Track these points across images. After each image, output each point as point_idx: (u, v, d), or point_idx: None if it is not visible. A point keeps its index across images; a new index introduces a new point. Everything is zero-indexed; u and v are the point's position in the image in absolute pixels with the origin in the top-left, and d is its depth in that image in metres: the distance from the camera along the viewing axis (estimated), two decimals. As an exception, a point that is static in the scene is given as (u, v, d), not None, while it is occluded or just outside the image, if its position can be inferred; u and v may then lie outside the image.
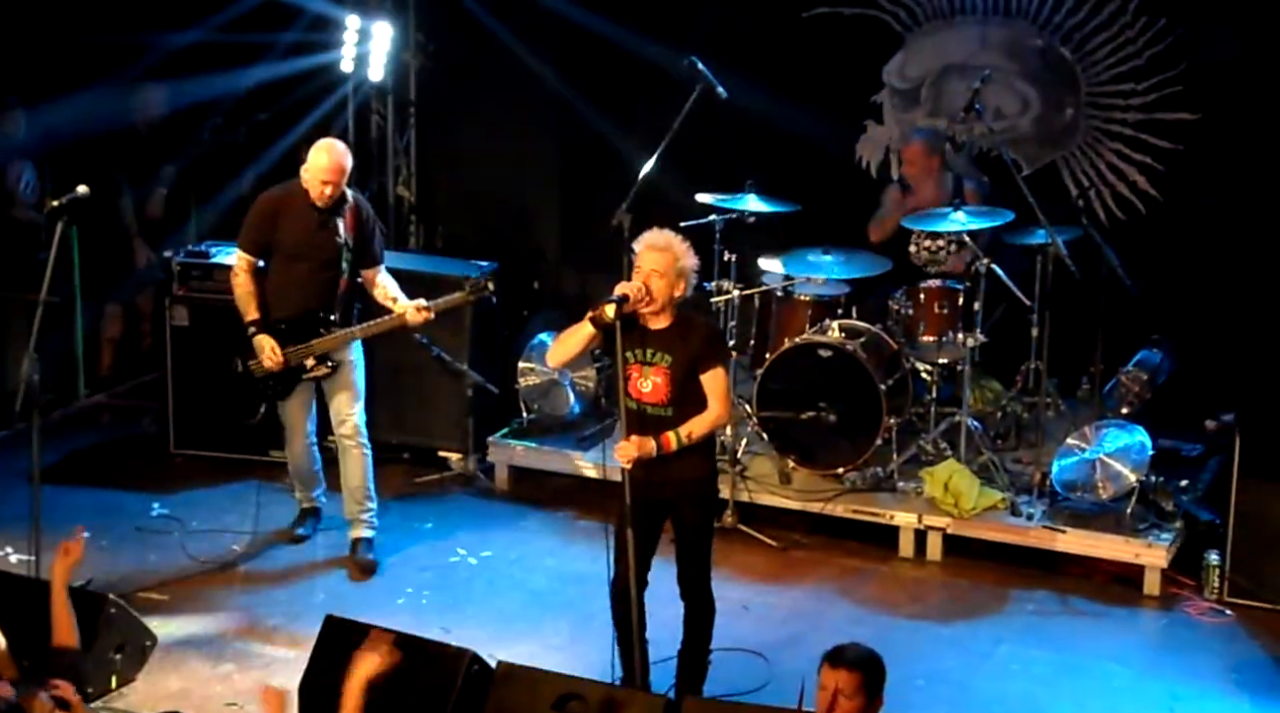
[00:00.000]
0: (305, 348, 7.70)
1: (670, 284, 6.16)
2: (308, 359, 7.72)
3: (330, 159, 7.58)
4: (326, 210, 7.62)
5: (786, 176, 9.12)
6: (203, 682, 6.84)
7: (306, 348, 7.71)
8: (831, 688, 5.04)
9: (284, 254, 7.69)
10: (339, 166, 7.58)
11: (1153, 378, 8.79)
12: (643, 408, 6.24)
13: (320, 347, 7.72)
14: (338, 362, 7.78)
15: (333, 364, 7.77)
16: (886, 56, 9.87)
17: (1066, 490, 8.04)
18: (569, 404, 9.13)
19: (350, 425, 7.86)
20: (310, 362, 7.73)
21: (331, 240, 7.63)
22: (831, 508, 8.29)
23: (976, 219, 8.42)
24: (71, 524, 7.95)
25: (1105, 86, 9.48)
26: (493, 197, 10.60)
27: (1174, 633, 7.53)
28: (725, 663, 6.75)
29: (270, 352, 7.63)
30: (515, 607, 7.61)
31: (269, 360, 7.64)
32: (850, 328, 8.49)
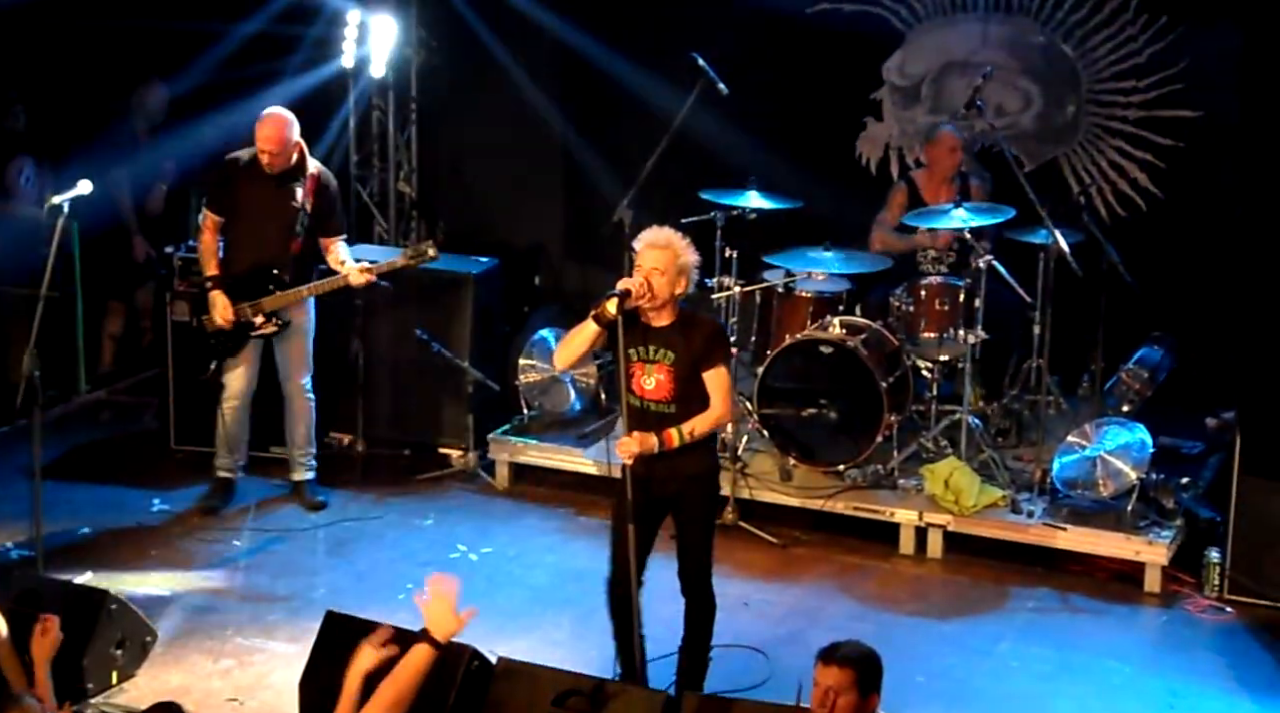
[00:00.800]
0: (255, 306, 8.04)
1: (671, 281, 6.16)
2: (257, 317, 8.05)
3: (267, 129, 7.96)
4: (284, 175, 7.99)
5: (788, 173, 9.12)
6: (203, 677, 6.85)
7: (256, 306, 8.04)
8: (825, 685, 5.04)
9: (242, 215, 8.08)
10: (277, 137, 7.93)
11: (1153, 375, 8.79)
12: (646, 405, 6.24)
13: (269, 305, 8.06)
14: (286, 321, 8.12)
15: (280, 323, 8.10)
16: (887, 53, 9.87)
17: (1067, 488, 8.04)
18: (570, 401, 9.13)
19: (296, 382, 8.29)
20: (259, 320, 8.07)
21: (287, 204, 8.01)
22: (832, 505, 8.29)
23: (978, 216, 8.42)
24: (72, 520, 8.04)
25: (1106, 84, 9.49)
26: (494, 193, 10.60)
27: (1174, 630, 7.53)
28: (725, 659, 6.74)
29: (222, 308, 8.00)
30: (515, 603, 7.61)
31: (220, 316, 8.00)
32: (851, 325, 8.49)
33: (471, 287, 9.13)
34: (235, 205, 8.09)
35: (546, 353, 9.04)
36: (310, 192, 8.06)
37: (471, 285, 9.13)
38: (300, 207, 8.03)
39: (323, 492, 8.54)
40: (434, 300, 9.13)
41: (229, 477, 8.46)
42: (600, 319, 6.12)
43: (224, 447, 8.41)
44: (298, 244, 8.08)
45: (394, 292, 9.01)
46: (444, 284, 9.20)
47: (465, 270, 9.25)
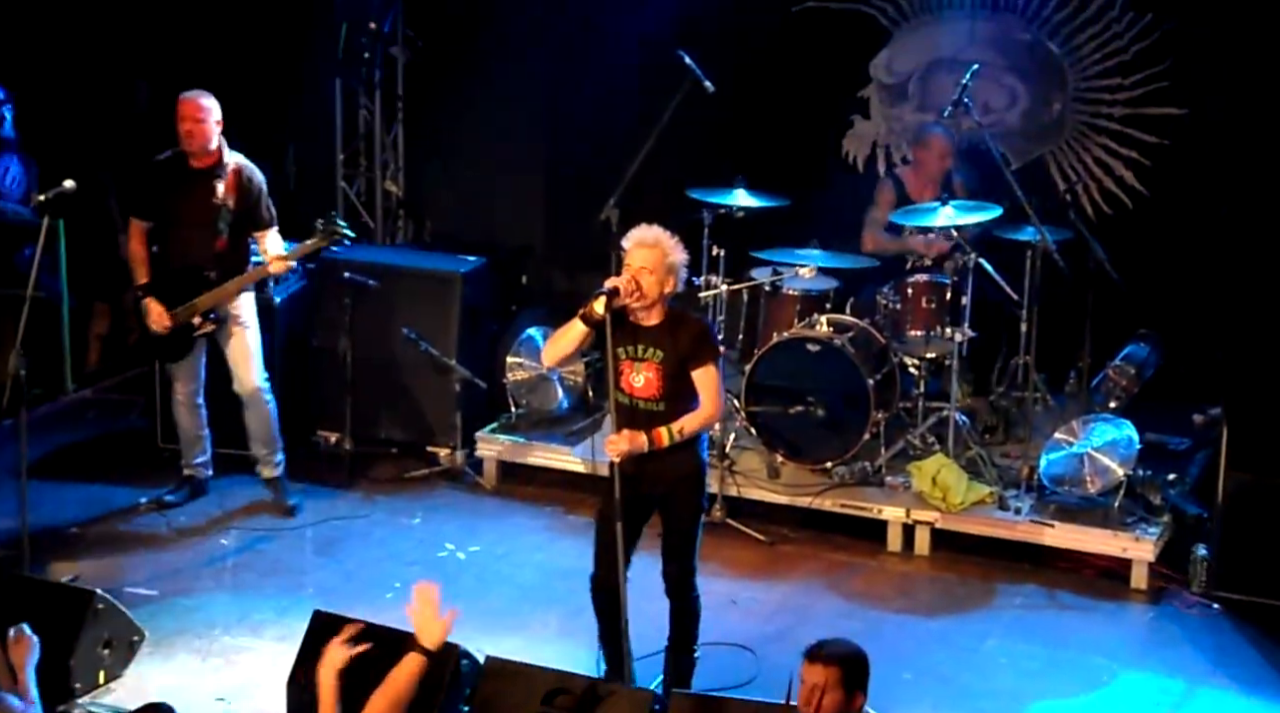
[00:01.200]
0: (188, 307, 7.96)
1: (660, 280, 6.16)
2: (194, 317, 7.98)
3: (187, 103, 7.90)
4: (203, 172, 7.92)
5: (775, 171, 9.12)
6: (191, 677, 6.84)
7: (189, 307, 7.96)
8: (811, 683, 5.05)
9: (165, 216, 8.02)
10: (196, 105, 7.88)
11: (1140, 372, 8.80)
12: (635, 403, 6.24)
13: (203, 304, 7.97)
14: (222, 317, 8.04)
15: (216, 319, 8.02)
16: (874, 51, 9.87)
17: (1054, 485, 8.06)
18: (557, 399, 9.13)
19: (250, 387, 8.20)
20: (197, 320, 8.00)
21: (208, 201, 7.92)
22: (820, 502, 8.29)
23: (965, 213, 8.42)
24: (59, 518, 8.01)
25: (1092, 81, 9.50)
26: (480, 191, 10.58)
27: (1162, 627, 7.54)
28: (713, 657, 6.75)
29: (157, 315, 7.94)
30: (503, 602, 7.61)
31: (155, 323, 7.94)
32: (838, 322, 8.50)
33: (459, 285, 9.13)
34: (159, 208, 8.03)
35: (534, 351, 9.04)
36: (232, 186, 7.97)
37: (459, 284, 9.13)
38: (221, 202, 7.95)
39: (295, 492, 8.50)
40: (421, 299, 9.13)
41: (193, 475, 8.45)
42: (588, 318, 6.12)
43: (182, 445, 8.44)
44: (222, 241, 7.98)
45: (381, 289, 9.01)
46: (432, 283, 9.20)
47: (453, 269, 9.25)
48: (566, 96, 10.15)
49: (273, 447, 8.38)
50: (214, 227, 7.94)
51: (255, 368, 8.22)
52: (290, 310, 9.15)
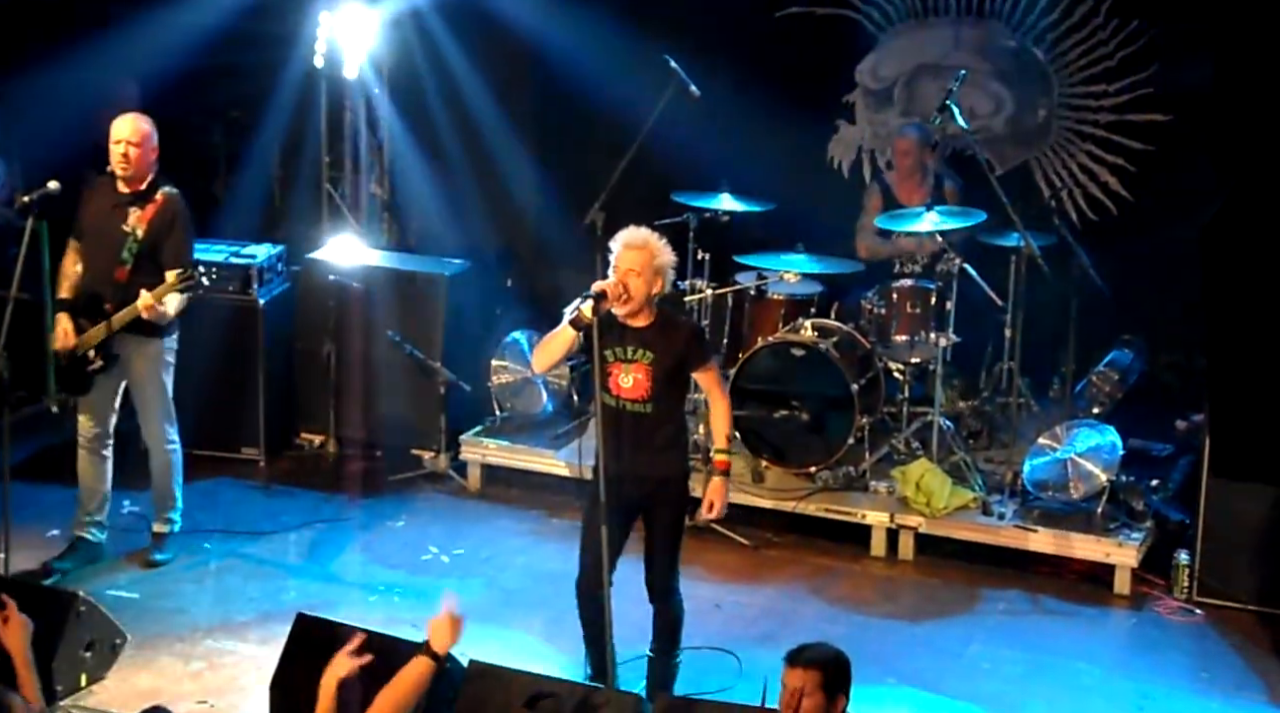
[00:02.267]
0: (86, 337, 7.47)
1: (648, 282, 6.17)
2: (89, 350, 7.48)
3: (122, 122, 7.47)
4: (125, 197, 7.49)
5: (760, 176, 9.13)
6: (174, 679, 6.82)
7: (87, 337, 7.47)
8: (791, 688, 5.06)
9: (86, 236, 7.60)
10: (132, 127, 7.43)
11: (1124, 378, 8.83)
12: (621, 404, 6.24)
13: (89, 339, 7.47)
14: (114, 356, 7.50)
15: (107, 356, 7.49)
16: (859, 57, 9.89)
17: (1038, 490, 8.07)
18: (542, 403, 9.12)
19: (156, 432, 7.73)
20: (90, 353, 7.49)
21: (117, 226, 7.47)
22: (804, 507, 8.30)
23: (950, 218, 8.44)
24: (41, 521, 8.00)
25: (1078, 88, 9.53)
26: (466, 195, 10.57)
27: (1144, 632, 7.56)
28: (697, 661, 6.75)
29: (61, 335, 7.45)
30: (487, 605, 7.59)
31: (60, 341, 7.44)
32: (823, 327, 8.51)
33: (444, 288, 9.13)
34: (80, 227, 7.56)
35: (519, 355, 9.04)
36: (147, 216, 7.45)
37: (444, 287, 9.13)
38: (130, 231, 7.43)
39: (170, 550, 7.86)
40: (406, 302, 9.12)
41: (84, 537, 7.78)
42: (577, 323, 6.12)
43: (79, 498, 7.80)
44: (124, 271, 7.43)
45: (366, 292, 9.01)
46: (416, 285, 9.20)
47: (437, 272, 9.25)
48: (552, 100, 10.15)
49: (167, 502, 7.84)
50: (118, 255, 7.44)
51: (156, 417, 7.69)
52: (275, 313, 9.14)
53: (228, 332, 8.99)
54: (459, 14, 9.99)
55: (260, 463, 9.11)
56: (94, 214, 7.55)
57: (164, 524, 7.85)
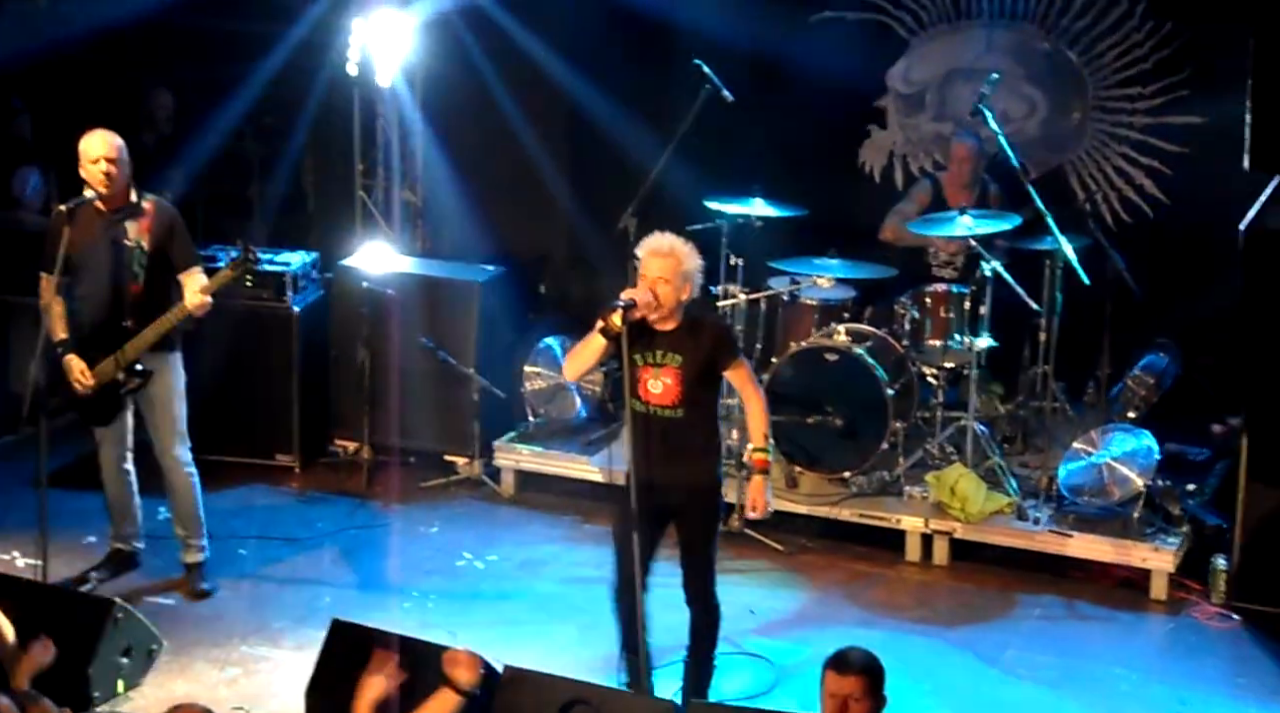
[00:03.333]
0: (108, 363, 7.33)
1: (677, 289, 6.17)
2: (118, 374, 7.35)
3: (95, 139, 7.25)
4: (114, 214, 7.32)
5: (793, 181, 9.12)
6: (209, 686, 6.84)
7: (109, 363, 7.33)
8: (841, 695, 5.04)
9: (77, 267, 7.35)
10: (107, 143, 7.23)
11: (1159, 382, 8.78)
12: (651, 410, 6.24)
13: (124, 358, 7.33)
14: (147, 372, 7.38)
15: (141, 374, 7.36)
16: (891, 61, 9.87)
17: (1073, 495, 8.04)
18: (575, 408, 9.13)
19: (170, 457, 7.56)
20: (121, 376, 7.36)
21: (119, 245, 7.32)
22: (838, 512, 8.29)
23: (983, 223, 8.42)
24: (79, 528, 8.04)
25: (1112, 90, 9.49)
26: (499, 201, 10.60)
27: (1181, 638, 7.52)
28: (731, 667, 6.75)
29: (79, 374, 7.30)
30: (521, 611, 7.61)
31: (78, 383, 7.30)
32: (856, 332, 8.49)
33: (477, 294, 9.14)
34: (66, 258, 7.24)
35: (552, 361, 9.05)
36: (146, 226, 7.33)
37: (477, 293, 9.14)
38: (134, 243, 7.30)
39: (211, 576, 7.74)
40: (440, 308, 9.13)
41: (121, 548, 7.78)
42: (607, 332, 6.12)
43: (111, 516, 7.76)
44: (138, 286, 7.32)
45: (399, 299, 9.03)
46: (450, 292, 9.21)
47: (471, 278, 9.26)
48: (585, 106, 10.15)
49: (194, 529, 7.67)
50: (129, 271, 7.31)
51: (175, 435, 7.55)
52: (308, 320, 9.17)
53: (262, 339, 9.03)
54: (491, 20, 10.00)
55: (295, 470, 9.14)
56: (84, 241, 7.29)
57: (196, 553, 7.71)
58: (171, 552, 7.79)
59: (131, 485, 7.73)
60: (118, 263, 7.34)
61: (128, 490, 7.73)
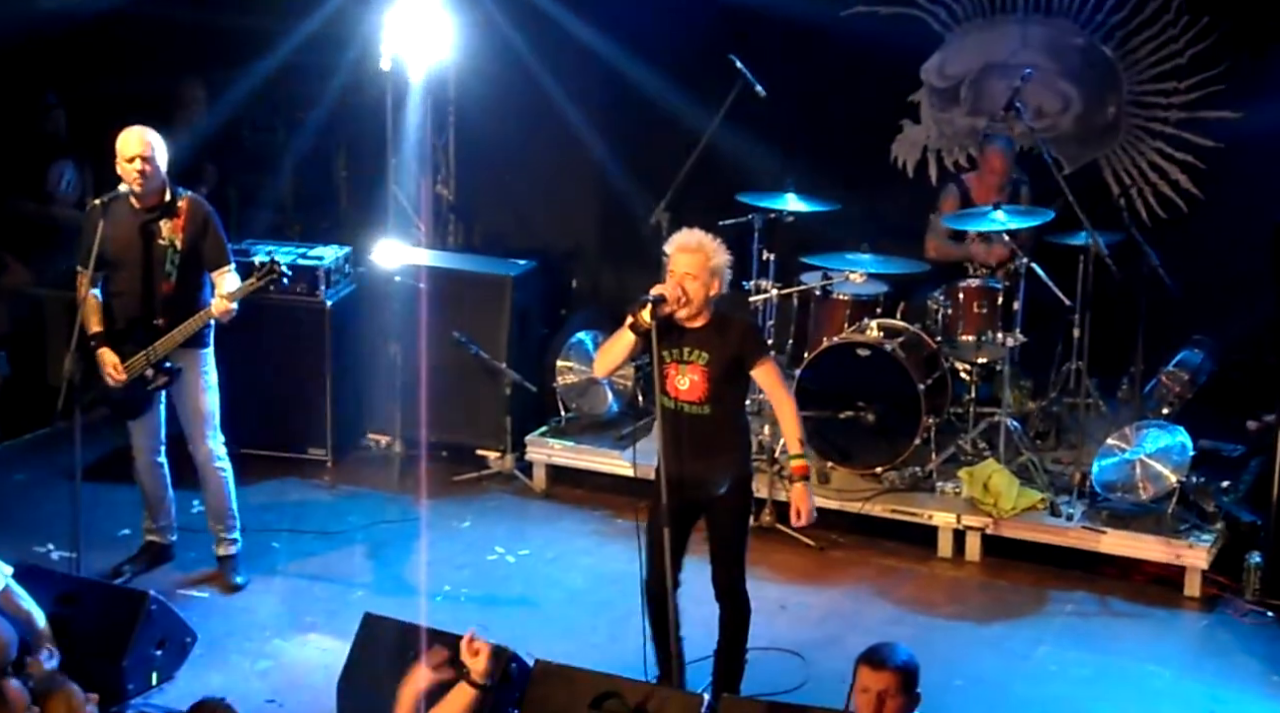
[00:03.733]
0: (139, 358, 7.35)
1: (705, 284, 6.16)
2: (147, 370, 7.36)
3: (130, 138, 7.26)
4: (149, 212, 7.35)
5: (825, 176, 9.10)
6: (242, 678, 6.87)
7: (140, 358, 7.35)
8: (875, 691, 5.03)
9: (112, 262, 7.38)
10: (142, 141, 7.24)
11: (1194, 378, 8.74)
12: (679, 406, 6.24)
13: (154, 355, 7.35)
14: (176, 369, 7.41)
15: (169, 371, 7.39)
16: (924, 56, 9.84)
17: (1106, 491, 8.01)
18: (607, 403, 9.13)
19: (204, 451, 7.58)
20: (150, 372, 7.37)
21: (153, 242, 7.35)
22: (870, 508, 8.27)
23: (1017, 218, 8.39)
24: (113, 521, 8.08)
25: (1147, 85, 9.43)
26: (531, 195, 10.61)
27: (1214, 635, 7.49)
28: (762, 662, 6.74)
29: (112, 368, 7.33)
30: (552, 605, 7.62)
31: (110, 376, 7.32)
32: (888, 327, 8.48)
33: (509, 289, 9.15)
34: (102, 254, 7.27)
35: (584, 355, 9.05)
36: (180, 225, 7.35)
37: (509, 287, 9.15)
38: (168, 242, 7.33)
39: (244, 569, 7.78)
40: (472, 302, 9.15)
41: (155, 540, 7.83)
42: (636, 328, 6.11)
43: (146, 508, 7.81)
44: (169, 284, 7.36)
45: (432, 293, 9.04)
46: (482, 286, 9.22)
47: (503, 272, 9.27)
48: (618, 101, 10.15)
49: (228, 522, 7.71)
50: (161, 268, 7.35)
51: (209, 431, 7.57)
52: (341, 314, 9.20)
53: (295, 333, 9.05)
54: (525, 14, 10.02)
55: (327, 464, 9.17)
56: (119, 238, 7.33)
57: (229, 546, 7.75)
58: (205, 545, 7.82)
59: (165, 479, 7.76)
60: (151, 261, 7.37)
61: (161, 484, 7.76)
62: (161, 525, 7.84)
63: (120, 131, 7.30)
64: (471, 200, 10.74)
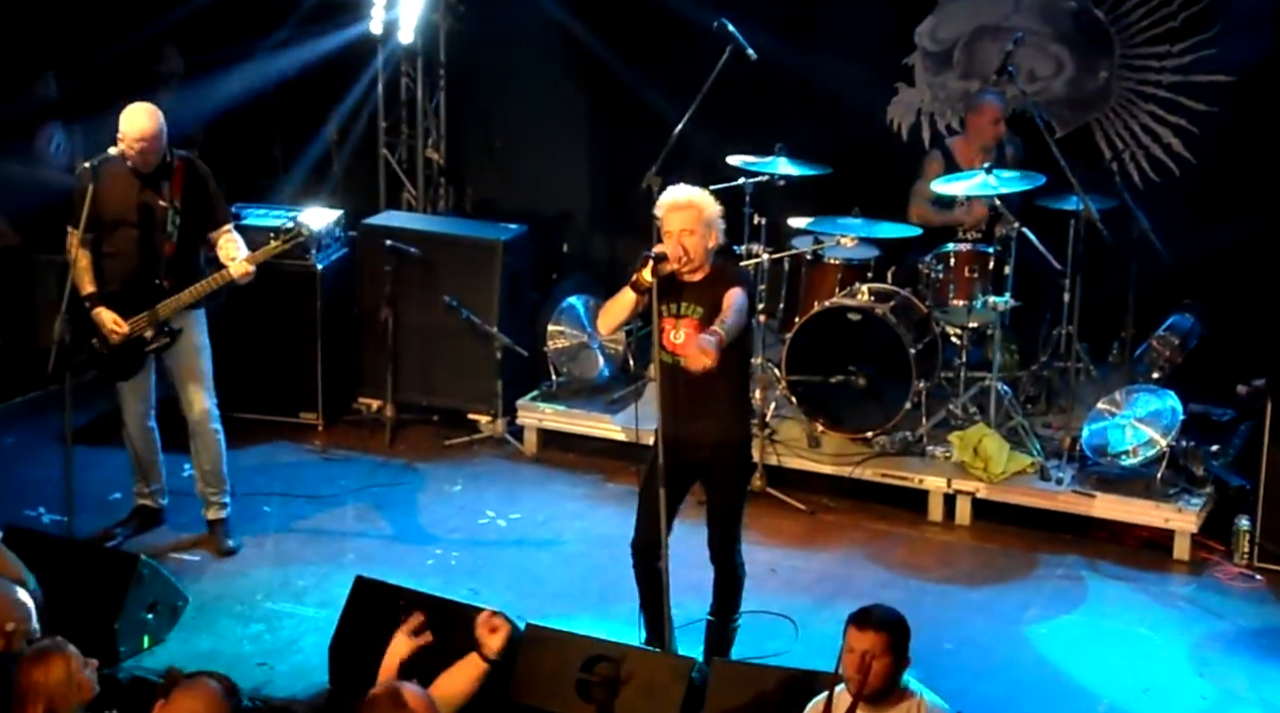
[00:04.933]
0: (140, 318, 7.36)
1: (702, 237, 6.14)
2: (147, 330, 7.38)
3: (141, 123, 7.25)
4: (149, 176, 7.33)
5: (817, 139, 9.08)
6: (233, 642, 6.89)
7: (147, 316, 7.36)
8: (860, 650, 5.05)
9: (107, 224, 7.35)
10: (152, 130, 7.26)
11: (1184, 342, 8.75)
12: (677, 361, 6.21)
13: (161, 313, 7.37)
14: (176, 331, 7.43)
15: (170, 332, 7.41)
16: (918, 18, 9.80)
17: (1096, 455, 8.02)
18: (598, 367, 9.13)
19: (199, 410, 7.57)
20: (149, 333, 7.39)
21: (155, 204, 7.34)
22: (860, 472, 8.28)
23: (1008, 183, 8.38)
24: (104, 485, 8.08)
25: (1140, 48, 9.41)
26: (522, 159, 10.58)
27: (1203, 598, 7.51)
28: (754, 626, 6.76)
29: (113, 324, 7.32)
30: (544, 569, 7.63)
31: (113, 333, 7.32)
32: (879, 291, 8.47)
33: (500, 253, 9.13)
34: (96, 215, 7.25)
35: (575, 319, 9.05)
36: (178, 186, 7.35)
37: (500, 252, 9.13)
38: (169, 204, 7.32)
39: (236, 533, 7.78)
40: (463, 267, 9.13)
41: (146, 504, 7.84)
42: (638, 286, 6.10)
43: (136, 471, 7.79)
44: (171, 246, 7.33)
45: (423, 257, 9.03)
46: (473, 250, 9.20)
47: (494, 237, 9.25)
48: (609, 64, 10.12)
49: (220, 485, 7.69)
50: (163, 231, 7.33)
51: (204, 390, 7.57)
52: (332, 278, 9.18)
53: (286, 297, 9.03)
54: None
55: (318, 427, 9.17)
56: (116, 200, 7.31)
57: (220, 510, 7.72)
58: (195, 509, 7.81)
59: (155, 442, 7.76)
60: (152, 222, 7.35)
61: (152, 447, 7.76)
62: (153, 489, 7.84)
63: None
64: (462, 164, 10.72)
